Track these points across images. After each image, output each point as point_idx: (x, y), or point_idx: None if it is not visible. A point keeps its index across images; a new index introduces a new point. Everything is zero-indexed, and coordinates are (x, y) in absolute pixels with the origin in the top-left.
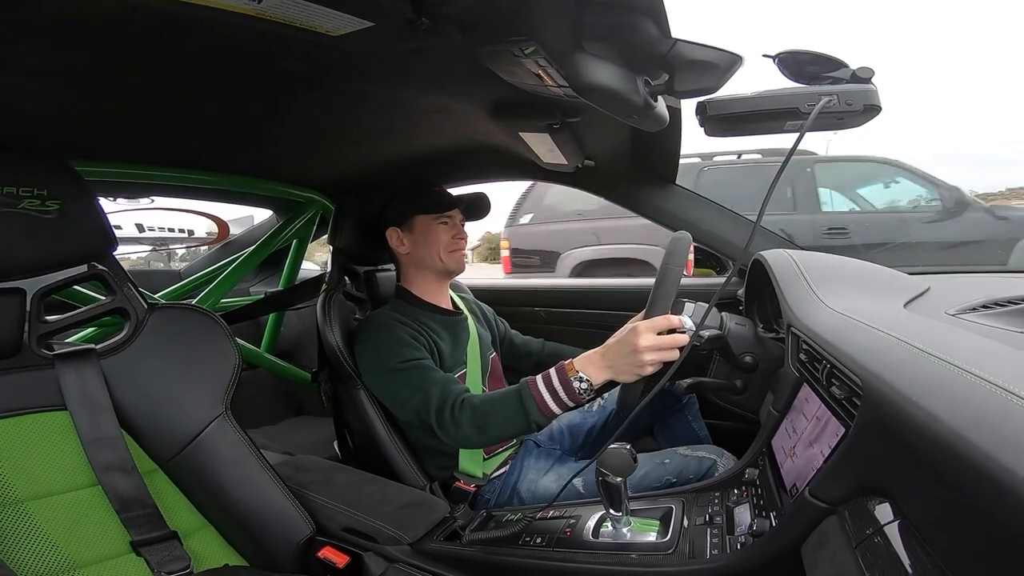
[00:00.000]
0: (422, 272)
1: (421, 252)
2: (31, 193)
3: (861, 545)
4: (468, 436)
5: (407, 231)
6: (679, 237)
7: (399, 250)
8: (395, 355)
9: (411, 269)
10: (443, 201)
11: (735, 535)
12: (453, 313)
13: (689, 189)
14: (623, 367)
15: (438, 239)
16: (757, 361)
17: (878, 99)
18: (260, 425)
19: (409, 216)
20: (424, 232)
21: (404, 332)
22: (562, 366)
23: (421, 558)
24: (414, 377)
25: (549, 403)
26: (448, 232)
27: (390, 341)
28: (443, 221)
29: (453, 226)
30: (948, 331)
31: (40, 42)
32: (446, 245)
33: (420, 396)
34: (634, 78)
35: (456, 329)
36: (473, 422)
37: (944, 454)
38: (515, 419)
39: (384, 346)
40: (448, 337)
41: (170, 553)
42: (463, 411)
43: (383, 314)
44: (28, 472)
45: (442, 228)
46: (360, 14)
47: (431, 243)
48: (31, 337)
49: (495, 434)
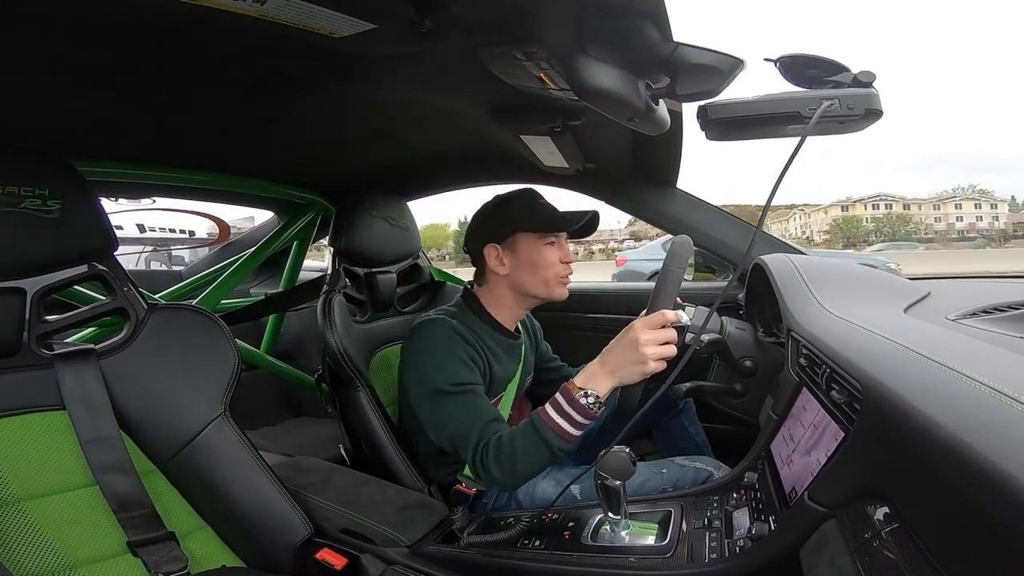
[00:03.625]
0: (515, 295)
1: (523, 276)
2: (32, 193)
3: (860, 549)
4: (499, 480)
5: (508, 250)
6: (680, 240)
7: (496, 271)
8: (449, 374)
9: (503, 290)
10: (556, 219)
11: (734, 539)
12: (514, 336)
13: (690, 193)
14: (626, 369)
15: (546, 263)
16: (757, 365)
17: (880, 103)
18: (259, 426)
19: (512, 233)
20: (529, 254)
21: (464, 350)
22: (565, 387)
23: (419, 560)
24: (461, 406)
25: (565, 427)
26: (556, 254)
27: (447, 357)
28: (550, 242)
29: (561, 248)
30: (948, 336)
31: (43, 42)
32: (556, 272)
33: (461, 431)
34: (635, 81)
35: (512, 353)
36: (499, 466)
37: (943, 458)
38: (539, 453)
39: (440, 361)
40: (504, 360)
41: (167, 554)
42: (488, 457)
43: (446, 323)
44: (26, 472)
45: (550, 250)
46: (363, 16)
47: (537, 267)
48: (31, 337)
49: (524, 471)
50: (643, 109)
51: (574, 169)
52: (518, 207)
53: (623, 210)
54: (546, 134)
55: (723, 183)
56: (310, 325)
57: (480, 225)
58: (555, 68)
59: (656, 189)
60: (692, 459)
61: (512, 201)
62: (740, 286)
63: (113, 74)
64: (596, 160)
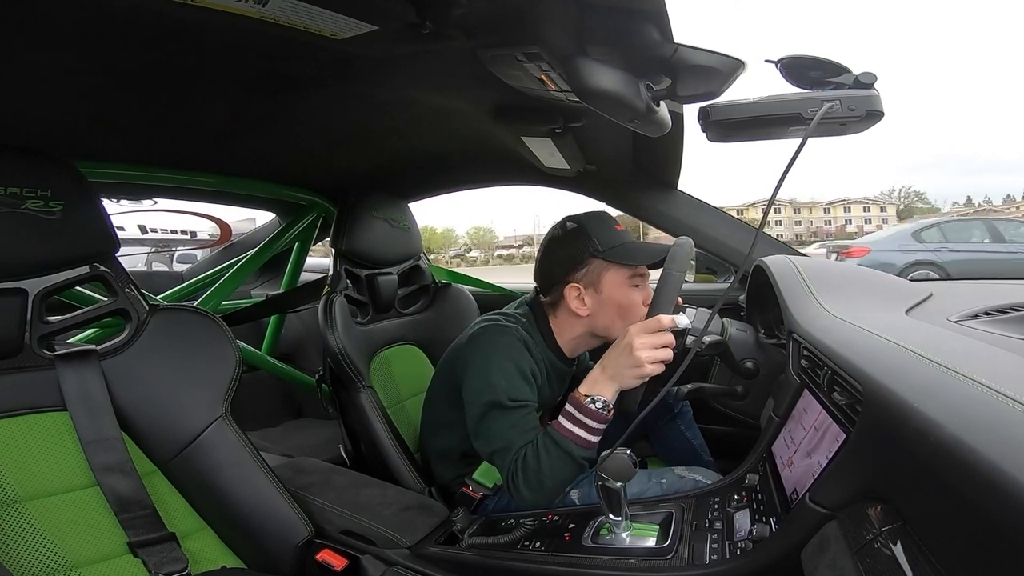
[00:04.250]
0: (588, 334)
1: (606, 320)
2: (35, 194)
3: (861, 550)
4: (530, 499)
5: (592, 290)
6: (681, 243)
7: (577, 312)
8: (511, 388)
9: (574, 324)
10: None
11: (735, 540)
12: (570, 364)
13: (691, 195)
14: (623, 374)
15: (633, 307)
16: (758, 367)
17: (881, 104)
18: (260, 427)
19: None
20: (615, 297)
21: (528, 365)
22: (573, 397)
23: (419, 561)
24: (513, 423)
25: (583, 435)
26: (640, 296)
27: (512, 369)
28: (636, 284)
29: (645, 290)
30: (950, 337)
31: (45, 44)
32: (641, 316)
33: (504, 447)
34: (636, 83)
35: (562, 378)
36: (527, 484)
37: (945, 459)
38: (563, 465)
39: (506, 371)
40: (555, 385)
41: (168, 554)
42: (519, 475)
43: (517, 333)
44: (27, 472)
45: (636, 293)
46: (364, 18)
47: (625, 311)
48: (32, 337)
49: (552, 486)
50: (644, 111)
51: (575, 171)
52: (597, 235)
53: (624, 211)
54: (547, 135)
55: (723, 184)
56: (311, 326)
57: (555, 256)
58: (556, 69)
59: (657, 191)
60: (691, 470)
61: (589, 228)
62: (741, 288)
63: (115, 75)
64: (597, 162)
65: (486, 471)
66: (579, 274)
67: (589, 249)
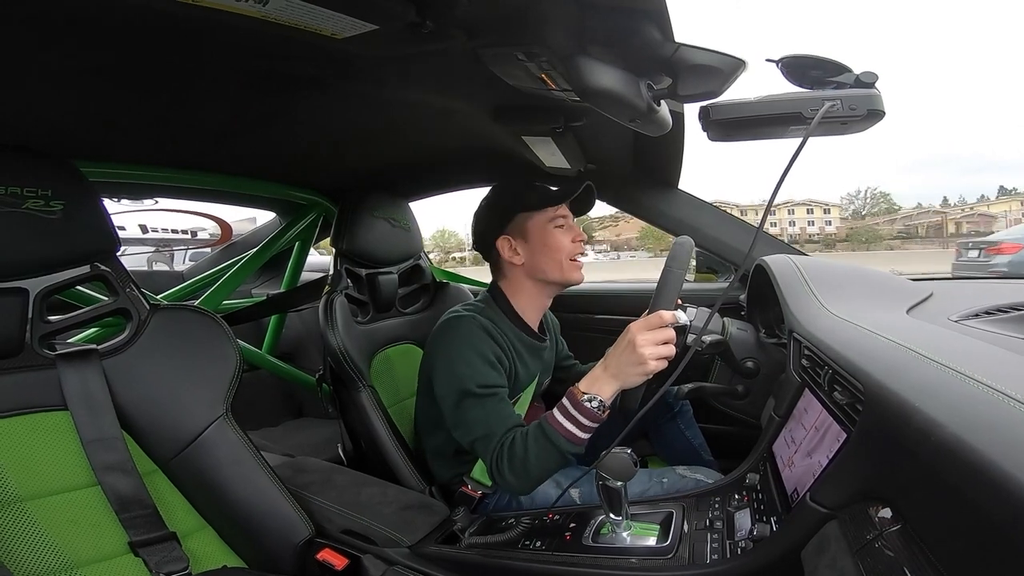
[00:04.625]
0: (536, 284)
1: (538, 261)
2: (35, 193)
3: (862, 550)
4: (513, 484)
5: (520, 238)
6: (681, 241)
7: (512, 261)
8: (476, 375)
9: (522, 280)
10: (551, 194)
11: (735, 540)
12: (540, 339)
13: (691, 194)
14: (627, 372)
15: (558, 244)
16: (759, 366)
17: (882, 104)
18: (260, 426)
19: (514, 217)
20: (541, 237)
21: (491, 350)
22: (571, 392)
23: (420, 561)
24: (487, 409)
25: (574, 431)
26: (567, 236)
27: (475, 357)
28: (559, 224)
29: (570, 228)
30: (950, 337)
31: (46, 44)
32: (568, 252)
33: (483, 434)
34: (637, 82)
35: (536, 355)
36: (512, 471)
37: (946, 459)
38: (550, 457)
39: (468, 360)
40: (528, 362)
41: (169, 554)
42: (503, 462)
43: (475, 320)
44: (28, 472)
45: (559, 233)
46: (364, 17)
47: (551, 250)
48: (33, 337)
49: (536, 475)
50: (645, 110)
51: (576, 170)
52: (515, 191)
53: (625, 211)
54: (548, 135)
55: (724, 183)
56: (312, 326)
57: (484, 219)
58: (557, 69)
59: (658, 190)
60: (693, 469)
61: (508, 187)
62: (742, 287)
63: (116, 75)
64: (598, 161)
65: (483, 469)
66: (506, 227)
67: (510, 201)
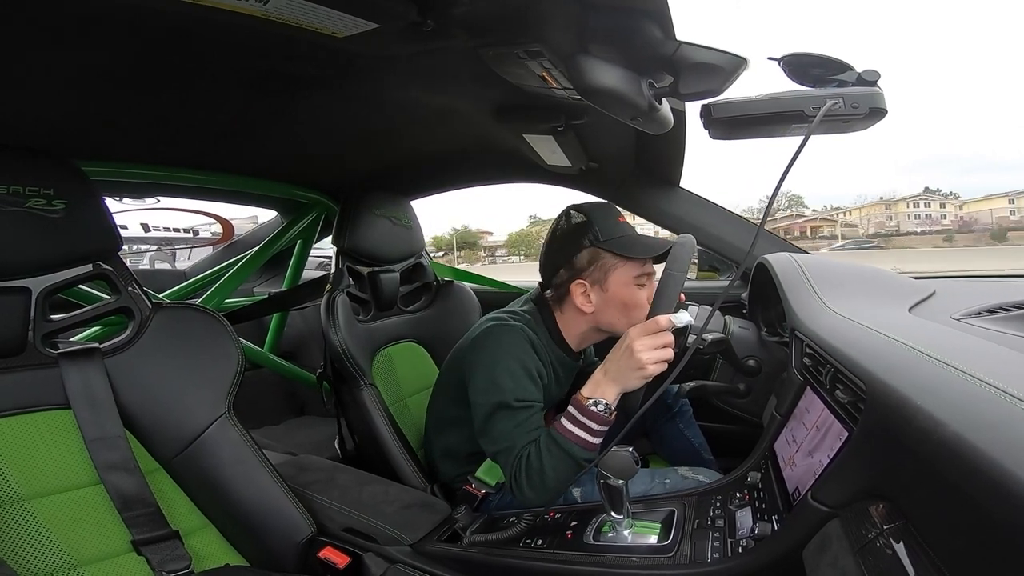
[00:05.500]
0: (593, 329)
1: (611, 317)
2: (37, 192)
3: (863, 549)
4: (531, 497)
5: (597, 287)
6: (683, 241)
7: (582, 308)
8: (518, 388)
9: (579, 320)
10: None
11: (737, 538)
12: (577, 358)
13: (693, 192)
14: (626, 376)
15: (637, 305)
16: (760, 365)
17: (884, 102)
18: (262, 425)
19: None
20: (620, 295)
21: (535, 365)
22: (576, 399)
23: (421, 559)
24: (519, 423)
25: (584, 437)
26: (645, 294)
27: (519, 369)
28: (641, 283)
29: (650, 287)
30: (953, 335)
31: (48, 43)
32: (645, 313)
33: (508, 446)
34: (638, 80)
35: (569, 373)
36: (530, 484)
37: (947, 458)
38: (565, 466)
39: (512, 372)
40: (562, 380)
41: (171, 552)
42: (521, 475)
43: (522, 332)
44: (31, 470)
45: (641, 292)
46: (365, 16)
47: (629, 310)
48: (36, 336)
49: (555, 487)
50: (646, 108)
51: (577, 168)
52: (599, 223)
53: (626, 209)
54: (549, 133)
55: (726, 183)
56: (313, 324)
57: (558, 245)
58: (558, 67)
59: (659, 188)
60: (695, 471)
61: (592, 216)
62: (744, 285)
63: (118, 74)
64: (599, 159)
65: (489, 469)
66: (586, 272)
67: (589, 236)
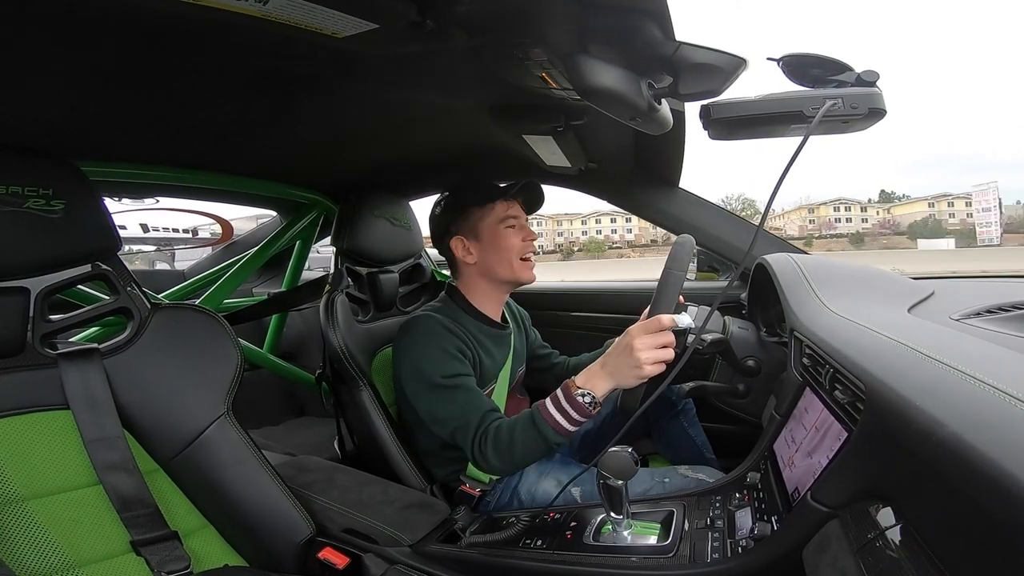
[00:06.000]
0: (489, 283)
1: (490, 261)
2: (36, 193)
3: (863, 549)
4: (496, 467)
5: (472, 239)
6: (682, 241)
7: (465, 260)
8: (440, 368)
9: (476, 279)
10: (494, 190)
11: (736, 539)
12: (501, 326)
13: (692, 192)
14: (623, 373)
15: (508, 244)
16: (760, 365)
17: (883, 102)
18: (262, 426)
19: (465, 215)
20: (492, 238)
21: (452, 345)
22: (566, 385)
23: (421, 560)
24: (457, 399)
25: (562, 423)
26: (517, 236)
27: (437, 353)
28: (509, 224)
29: (521, 228)
30: (952, 336)
31: (46, 43)
32: (518, 251)
33: (460, 422)
34: (638, 81)
35: (500, 343)
36: (497, 454)
37: (947, 458)
38: (535, 444)
39: (430, 356)
40: (492, 351)
41: (170, 553)
42: (487, 444)
43: (432, 318)
44: (29, 471)
45: (511, 233)
46: (365, 16)
47: (501, 250)
48: (34, 336)
49: (520, 461)
50: (645, 109)
51: (576, 169)
52: (464, 191)
53: (625, 209)
54: (549, 133)
55: (724, 181)
56: (313, 325)
57: (438, 219)
58: (557, 68)
59: (658, 188)
60: (695, 469)
61: (456, 187)
62: (743, 285)
63: (116, 74)
64: (599, 159)
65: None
66: (456, 225)
67: (449, 200)
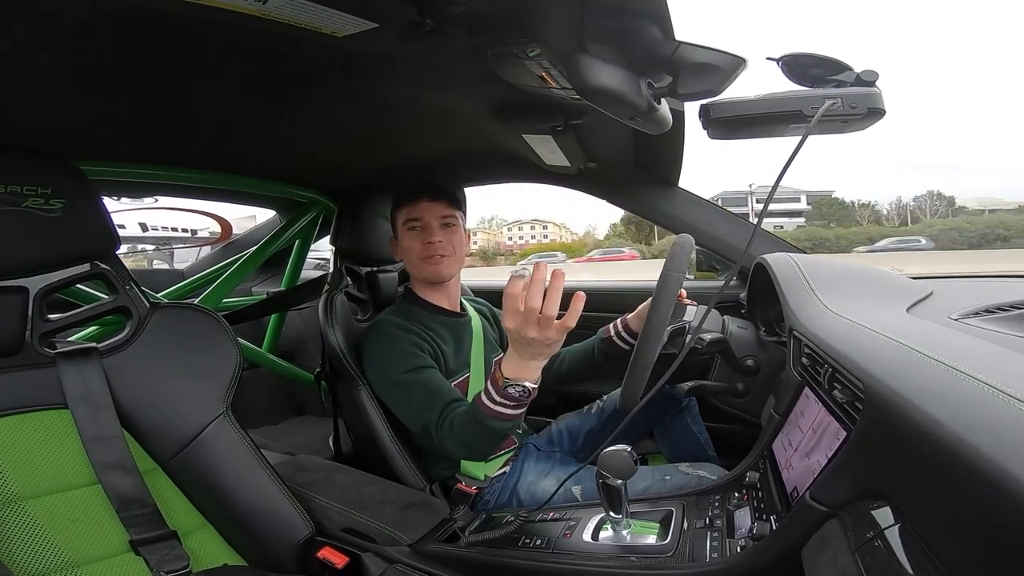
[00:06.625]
0: (417, 279)
1: (405, 262)
2: (35, 192)
3: (862, 549)
4: (459, 453)
5: (397, 239)
6: (681, 242)
7: (397, 258)
8: (398, 364)
9: (412, 275)
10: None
11: (735, 538)
12: (457, 315)
13: (691, 192)
14: (532, 353)
15: (409, 247)
16: (759, 364)
17: (882, 103)
18: (261, 425)
19: (392, 217)
20: (400, 241)
21: (406, 341)
22: (493, 378)
23: (420, 559)
24: (417, 390)
25: (502, 410)
26: (417, 238)
27: (393, 351)
28: (411, 227)
29: (423, 230)
30: (951, 335)
31: (46, 42)
32: (417, 254)
33: (425, 415)
34: (637, 80)
35: (459, 331)
36: (457, 444)
37: (946, 458)
38: (487, 433)
39: (388, 356)
40: (451, 340)
41: (169, 552)
42: (446, 434)
43: (387, 321)
44: (28, 470)
45: (412, 235)
46: (364, 15)
47: (404, 252)
48: (33, 335)
49: (480, 448)
50: (645, 108)
51: (576, 168)
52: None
53: (624, 208)
54: (548, 133)
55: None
56: (312, 324)
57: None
58: (557, 67)
59: (657, 188)
60: (696, 466)
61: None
62: (742, 285)
63: (115, 74)
64: (598, 159)
65: (470, 461)
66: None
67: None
